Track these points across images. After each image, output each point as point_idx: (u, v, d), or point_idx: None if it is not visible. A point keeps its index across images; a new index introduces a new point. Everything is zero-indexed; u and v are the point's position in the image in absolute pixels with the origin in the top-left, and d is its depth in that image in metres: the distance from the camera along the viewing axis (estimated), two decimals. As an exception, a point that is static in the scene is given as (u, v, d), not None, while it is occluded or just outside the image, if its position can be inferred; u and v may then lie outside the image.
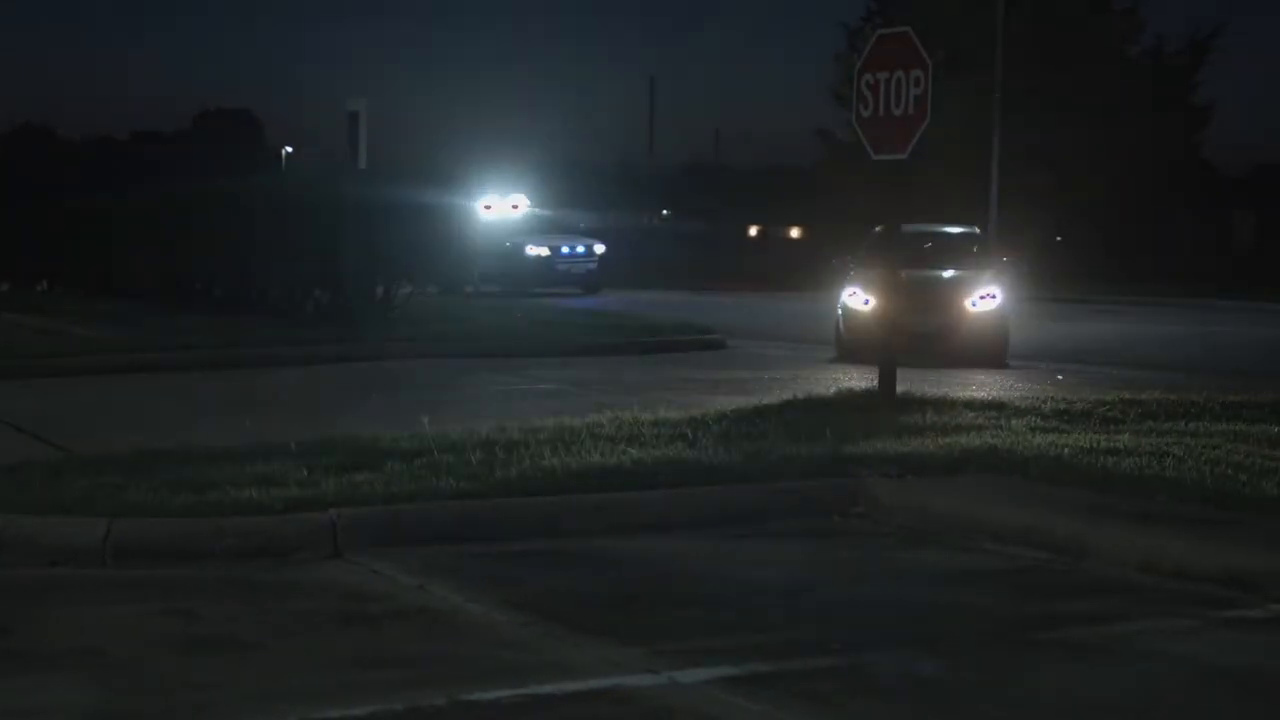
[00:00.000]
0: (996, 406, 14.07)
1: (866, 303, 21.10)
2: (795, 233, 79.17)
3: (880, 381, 14.28)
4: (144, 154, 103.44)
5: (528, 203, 46.84)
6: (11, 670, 6.75)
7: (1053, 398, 15.00)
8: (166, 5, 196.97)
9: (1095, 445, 11.52)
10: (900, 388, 14.30)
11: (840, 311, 21.96)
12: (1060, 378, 19.22)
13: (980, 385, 17.61)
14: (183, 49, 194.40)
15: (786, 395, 15.24)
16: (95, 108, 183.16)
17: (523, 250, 42.22)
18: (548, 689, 6.40)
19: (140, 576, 8.57)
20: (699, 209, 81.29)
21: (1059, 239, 52.32)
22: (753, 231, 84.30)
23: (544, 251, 42.95)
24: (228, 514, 9.14)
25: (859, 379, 16.36)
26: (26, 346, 21.93)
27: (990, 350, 21.11)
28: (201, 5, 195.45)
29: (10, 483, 10.15)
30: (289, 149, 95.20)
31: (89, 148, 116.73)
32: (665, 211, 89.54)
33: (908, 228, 20.41)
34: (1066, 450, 11.30)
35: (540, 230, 44.60)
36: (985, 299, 21.55)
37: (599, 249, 44.10)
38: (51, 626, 7.54)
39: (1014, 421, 12.99)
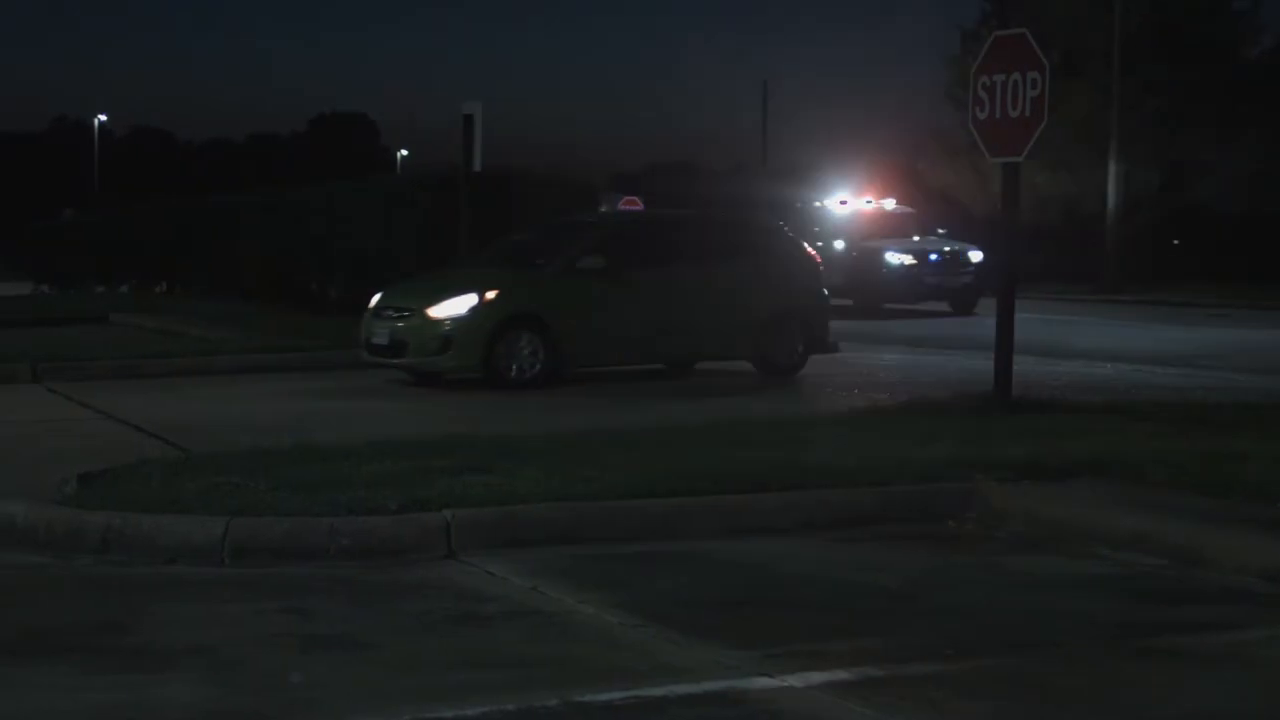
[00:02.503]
0: (1113, 411, 13.92)
1: None
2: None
3: (995, 384, 14.17)
4: (261, 157, 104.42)
5: (879, 199, 36.96)
6: (130, 666, 6.84)
7: (1168, 403, 14.82)
8: (284, 11, 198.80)
9: (1214, 451, 11.36)
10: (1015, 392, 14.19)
11: None
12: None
13: (1093, 389, 17.38)
14: (303, 54, 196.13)
15: (901, 398, 15.19)
16: (214, 111, 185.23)
17: (879, 257, 33.83)
18: (660, 691, 6.40)
19: (256, 575, 8.66)
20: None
21: (1175, 242, 51.70)
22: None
23: (908, 259, 34.32)
24: (343, 514, 9.21)
25: (976, 383, 16.21)
26: (145, 347, 22.22)
27: None
28: (320, 11, 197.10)
29: (130, 481, 10.31)
30: (404, 152, 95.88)
31: (207, 151, 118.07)
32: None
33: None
34: (1184, 455, 11.16)
35: (894, 231, 35.41)
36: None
37: (975, 256, 34.64)
38: (169, 623, 7.63)
39: (1130, 426, 12.85)
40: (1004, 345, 14.13)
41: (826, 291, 20.39)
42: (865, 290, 32.64)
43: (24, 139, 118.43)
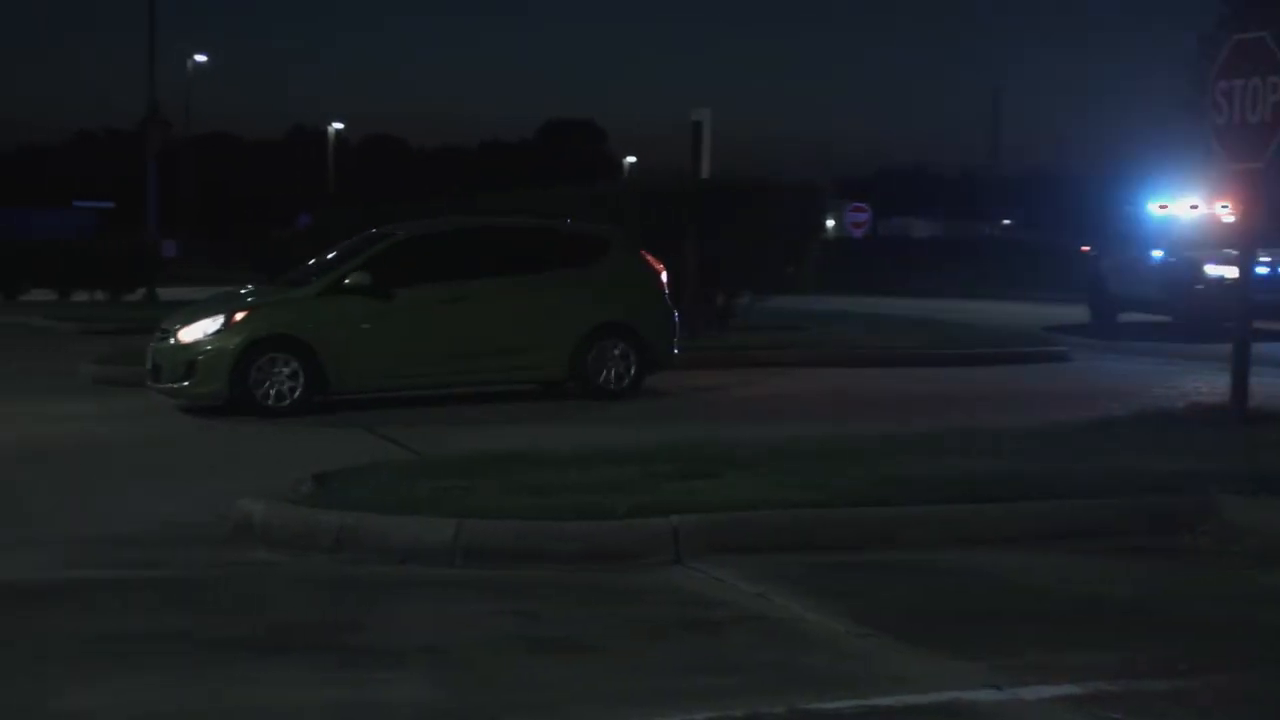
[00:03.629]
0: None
1: None
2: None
3: (1232, 396, 13.83)
4: (491, 163, 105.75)
5: (1211, 203, 30.64)
6: (363, 664, 6.96)
7: None
8: (515, 19, 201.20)
9: None
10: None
11: None
12: None
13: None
14: (533, 60, 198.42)
15: (1135, 408, 14.91)
16: (446, 120, 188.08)
17: (1198, 269, 28.07)
18: (887, 701, 6.35)
19: (485, 577, 8.76)
20: (1040, 219, 79.91)
21: None
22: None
23: (1232, 272, 26.85)
24: (572, 518, 9.28)
25: (1210, 393, 15.84)
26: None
27: None
28: (556, 17, 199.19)
29: (364, 482, 10.52)
30: (631, 158, 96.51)
31: (439, 157, 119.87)
32: (1007, 221, 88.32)
33: None
34: None
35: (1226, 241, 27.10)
36: None
37: None
38: (400, 623, 7.75)
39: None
40: (1241, 356, 13.78)
41: (669, 304, 18.26)
42: (1182, 306, 28.08)
43: (264, 147, 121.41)
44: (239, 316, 16.57)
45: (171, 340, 16.64)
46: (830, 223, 56.46)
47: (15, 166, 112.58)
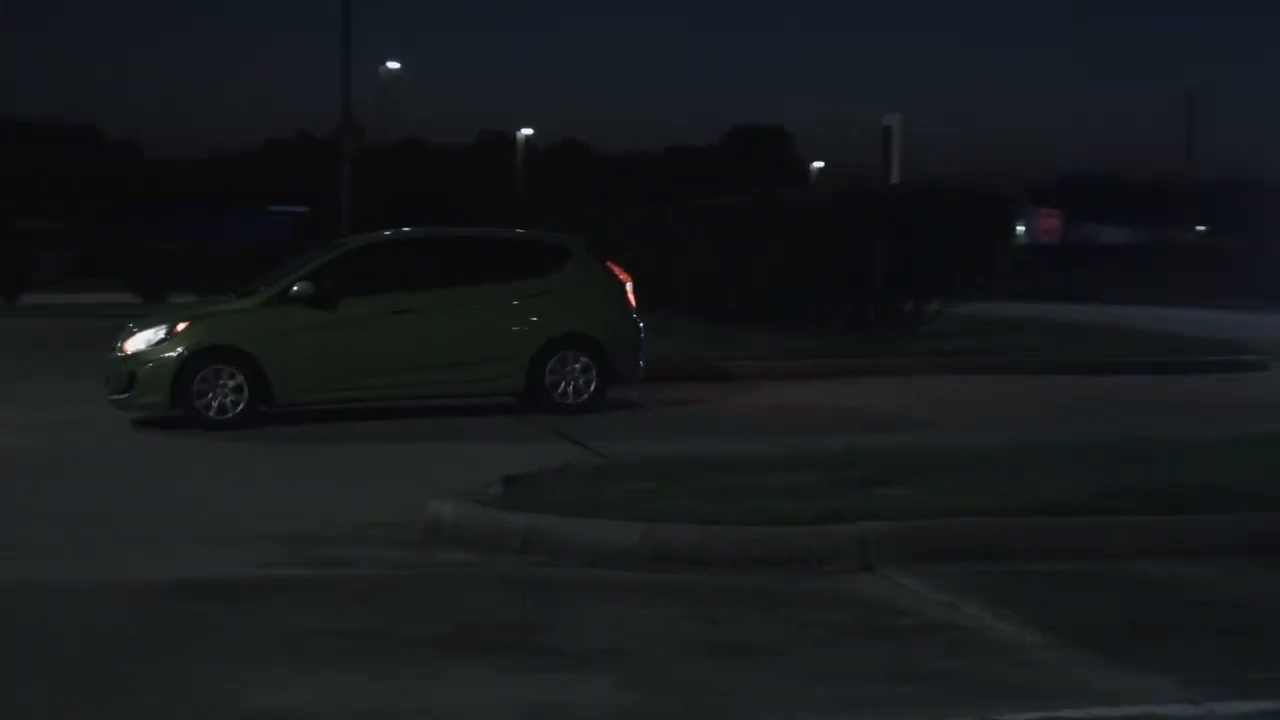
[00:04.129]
0: None
1: None
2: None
3: None
4: (678, 169, 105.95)
5: None
6: (549, 665, 7.02)
7: None
8: (703, 24, 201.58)
9: None
10: None
11: None
12: None
13: None
14: (721, 65, 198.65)
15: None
16: (630, 123, 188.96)
17: None
18: (1077, 714, 6.24)
19: (670, 581, 8.77)
20: (1237, 225, 78.09)
21: None
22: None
23: None
24: (757, 523, 9.27)
25: None
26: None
27: None
28: (744, 22, 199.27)
29: (552, 485, 10.60)
30: (819, 164, 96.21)
31: (625, 163, 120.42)
32: (1201, 227, 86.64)
33: None
34: None
35: None
36: None
37: None
38: (586, 625, 7.80)
39: None
40: None
41: (634, 316, 17.67)
42: None
43: (454, 152, 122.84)
44: (181, 327, 16.36)
45: (116, 352, 16.45)
46: (1020, 228, 55.83)
47: (212, 171, 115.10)
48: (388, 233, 18.37)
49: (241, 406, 16.03)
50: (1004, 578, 8.72)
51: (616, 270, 17.83)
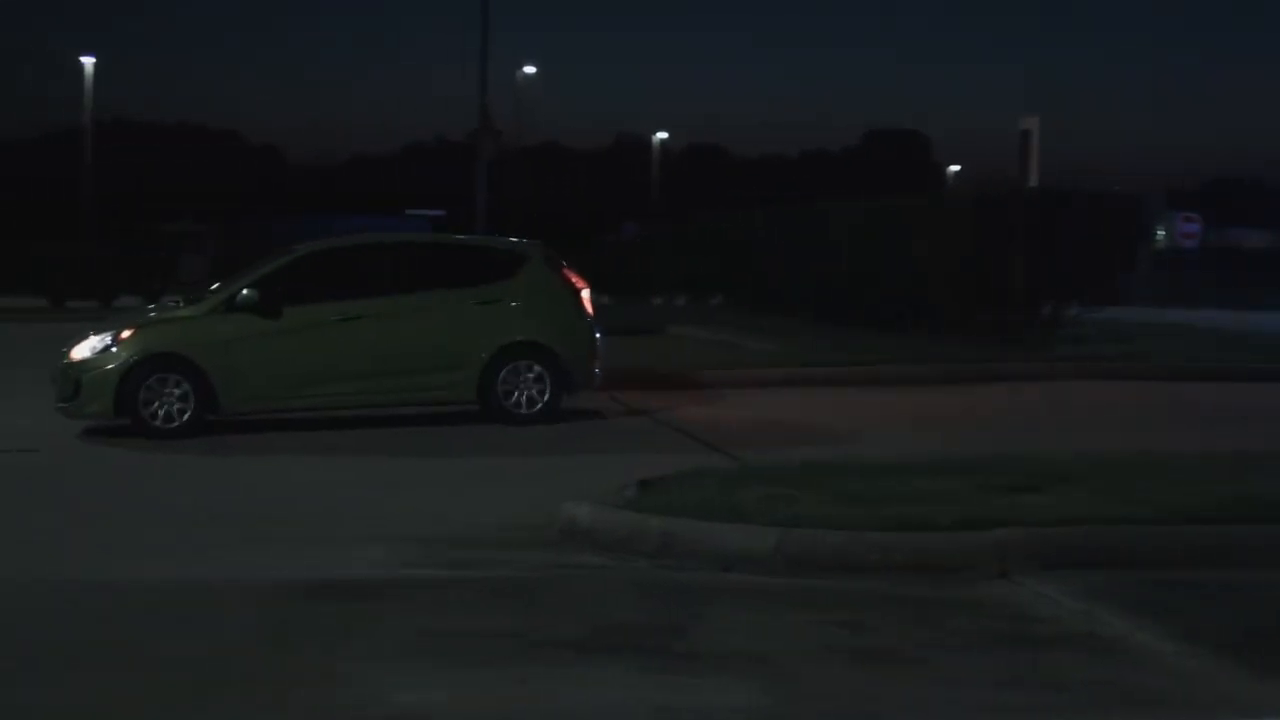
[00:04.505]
0: None
1: None
2: None
3: None
4: (813, 173, 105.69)
5: None
6: (685, 669, 7.05)
7: None
8: (837, 28, 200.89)
9: None
10: None
11: None
12: None
13: None
14: (857, 69, 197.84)
15: None
16: (766, 127, 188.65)
17: None
18: (1223, 725, 6.20)
19: (808, 586, 8.77)
20: None
21: None
22: None
23: None
24: (896, 529, 9.23)
25: None
26: (701, 358, 22.81)
27: None
28: (880, 26, 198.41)
29: (687, 488, 10.61)
30: (955, 167, 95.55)
31: (760, 167, 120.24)
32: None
33: None
34: None
35: None
36: None
37: None
38: (723, 629, 7.82)
39: None
40: None
41: (590, 323, 17.25)
42: None
43: (590, 156, 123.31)
44: (125, 334, 16.06)
45: (64, 359, 16.15)
46: (1160, 233, 55.11)
47: (350, 175, 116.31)
48: (338, 239, 17.92)
49: (188, 415, 15.73)
50: (1142, 586, 8.61)
51: (573, 277, 17.45)
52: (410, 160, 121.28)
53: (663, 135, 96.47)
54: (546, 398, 16.59)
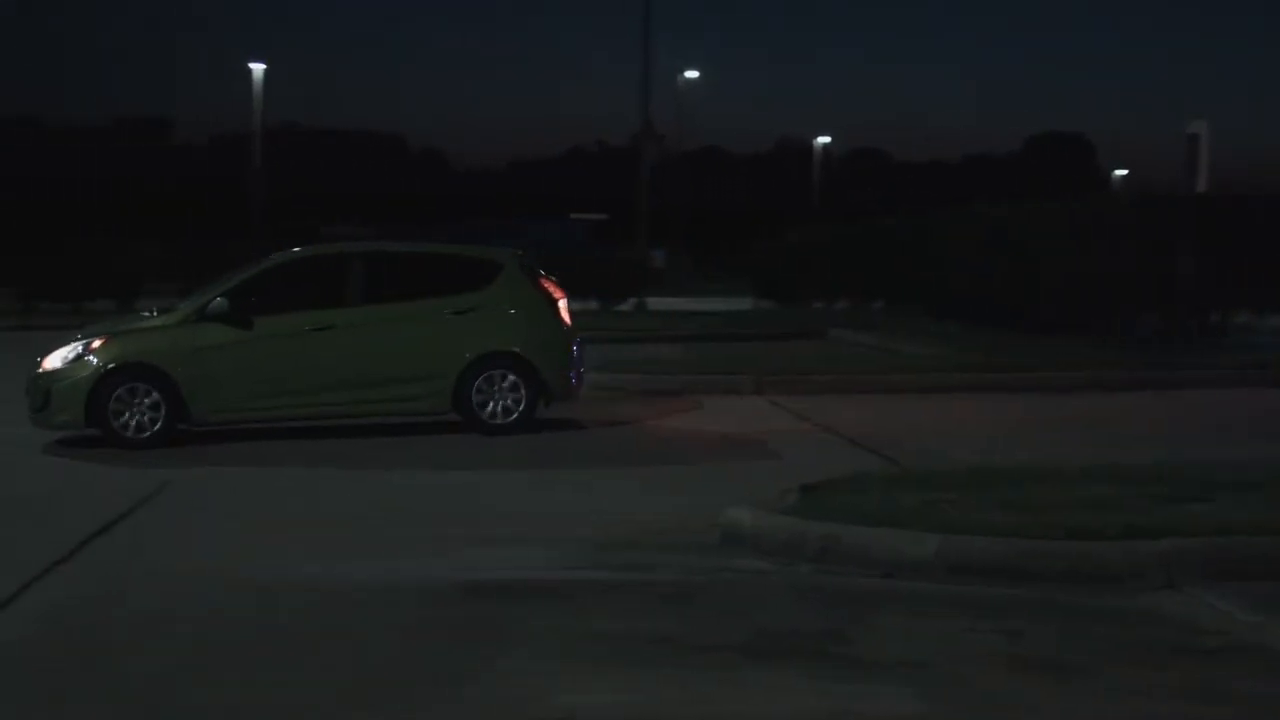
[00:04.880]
0: None
1: None
2: None
3: None
4: (976, 177, 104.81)
5: None
6: (846, 675, 7.04)
7: None
8: (1000, 31, 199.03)
9: None
10: None
11: None
12: None
13: None
14: (1020, 73, 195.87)
15: None
16: (931, 131, 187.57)
17: None
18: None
19: (968, 593, 8.70)
20: None
21: None
22: None
23: None
24: (1059, 537, 9.13)
25: None
26: (861, 363, 22.73)
27: None
28: (1043, 29, 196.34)
29: (847, 494, 10.59)
30: (1121, 172, 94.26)
31: (922, 172, 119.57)
32: None
33: None
34: None
35: None
36: None
37: None
38: (883, 636, 7.79)
39: None
40: None
41: (566, 332, 17.03)
42: None
43: (751, 160, 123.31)
44: (96, 344, 15.93)
45: (36, 368, 16.05)
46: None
47: (511, 179, 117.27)
48: (312, 248, 17.77)
49: (159, 425, 15.65)
50: (1318, 599, 8.45)
51: (549, 286, 17.19)
52: (572, 165, 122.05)
53: (825, 139, 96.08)
54: (522, 407, 16.42)
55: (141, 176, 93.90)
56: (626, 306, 43.71)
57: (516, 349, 16.49)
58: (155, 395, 15.62)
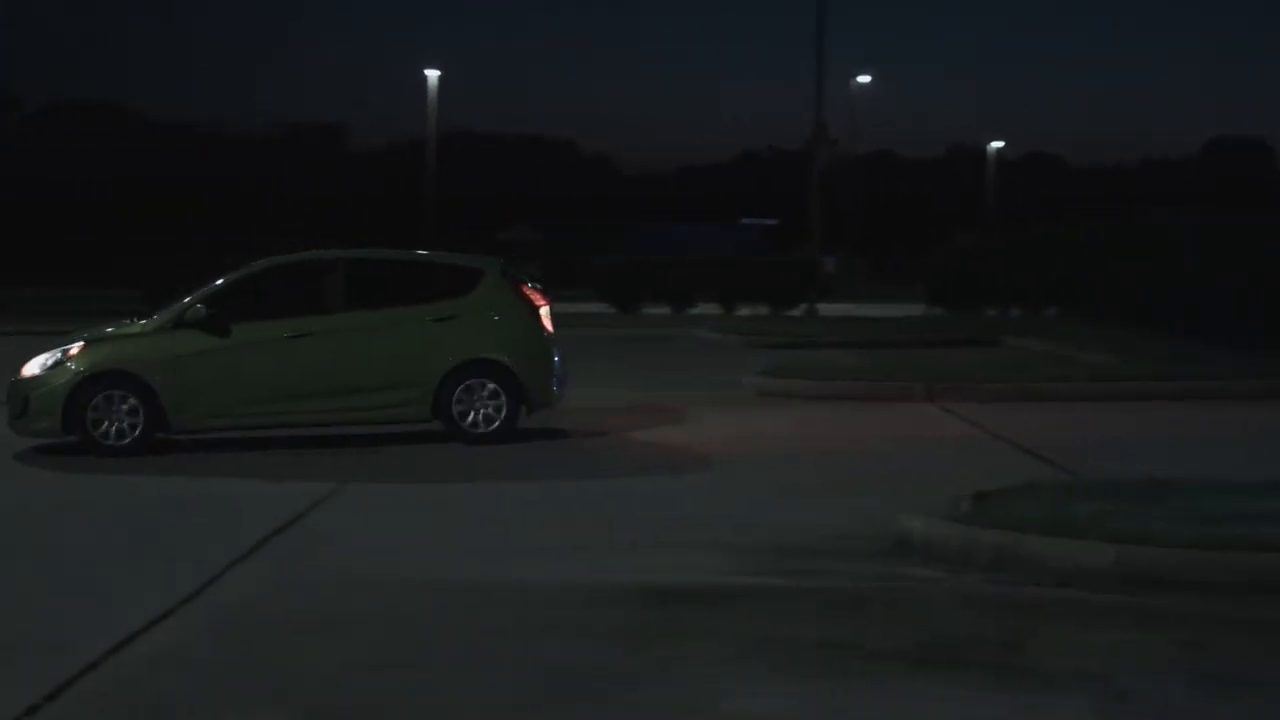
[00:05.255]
0: None
1: None
2: None
3: None
4: (1152, 183, 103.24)
5: None
6: (1018, 686, 6.98)
7: None
8: (1173, 37, 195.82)
9: None
10: None
11: None
12: None
13: None
14: (1198, 77, 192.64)
15: None
16: (1107, 136, 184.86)
17: None
18: None
19: (1145, 604, 8.58)
20: None
21: None
22: None
23: None
24: (1239, 548, 8.97)
25: None
26: (1036, 370, 22.49)
27: None
28: (1222, 33, 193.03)
29: (1021, 502, 10.49)
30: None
31: (1098, 177, 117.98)
32: None
33: None
34: None
35: None
36: None
37: None
38: (1058, 647, 7.70)
39: None
40: None
41: (548, 341, 16.64)
42: None
43: (923, 165, 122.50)
44: (74, 350, 15.84)
45: (15, 375, 16.00)
46: None
47: (681, 184, 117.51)
48: (292, 255, 17.19)
49: (139, 431, 15.56)
50: None
51: (532, 294, 16.88)
52: (743, 169, 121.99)
53: (998, 144, 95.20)
54: (504, 416, 16.20)
55: (318, 182, 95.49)
56: (797, 312, 43.65)
57: (497, 357, 16.28)
58: (133, 401, 15.57)
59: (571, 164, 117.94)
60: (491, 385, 16.17)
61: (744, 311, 45.47)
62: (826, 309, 43.12)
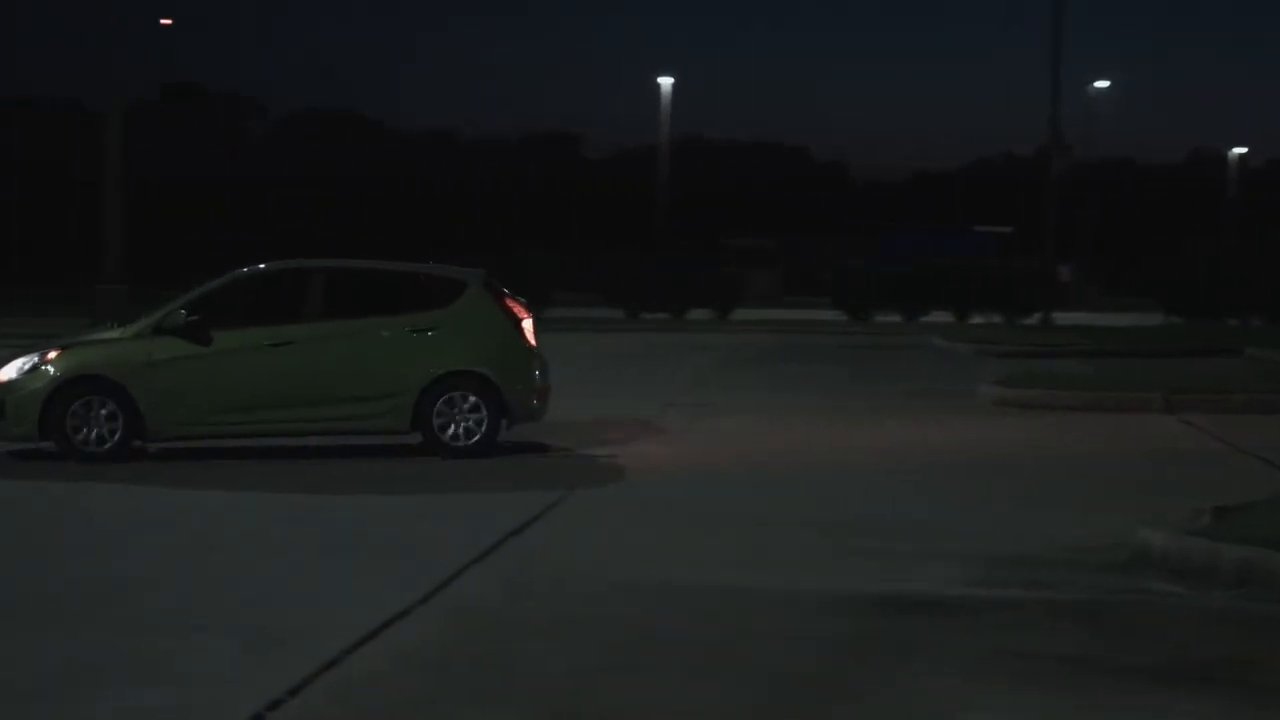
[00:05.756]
0: None
1: None
2: None
3: None
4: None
5: None
6: (1266, 704, 6.83)
7: None
8: None
9: None
10: None
11: None
12: None
13: None
14: None
15: None
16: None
17: None
18: None
19: (1398, 624, 8.35)
20: None
21: None
22: None
23: None
24: None
25: None
26: (1275, 382, 21.97)
27: None
28: None
29: (1267, 517, 10.23)
30: None
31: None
32: None
33: None
34: None
35: None
36: None
37: None
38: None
39: None
40: None
41: (531, 353, 16.22)
42: None
43: (1161, 171, 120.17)
44: (51, 355, 15.67)
45: None
46: None
47: (913, 192, 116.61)
48: (275, 264, 16.98)
49: (117, 436, 15.38)
50: None
51: (515, 305, 16.50)
52: (977, 177, 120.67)
53: (1240, 150, 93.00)
54: (484, 429, 15.85)
55: (552, 189, 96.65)
56: (1031, 321, 43.11)
57: (478, 369, 15.97)
58: (111, 406, 15.43)
59: (804, 171, 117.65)
60: (473, 398, 15.90)
61: (976, 320, 45.06)
62: (1062, 318, 42.48)
